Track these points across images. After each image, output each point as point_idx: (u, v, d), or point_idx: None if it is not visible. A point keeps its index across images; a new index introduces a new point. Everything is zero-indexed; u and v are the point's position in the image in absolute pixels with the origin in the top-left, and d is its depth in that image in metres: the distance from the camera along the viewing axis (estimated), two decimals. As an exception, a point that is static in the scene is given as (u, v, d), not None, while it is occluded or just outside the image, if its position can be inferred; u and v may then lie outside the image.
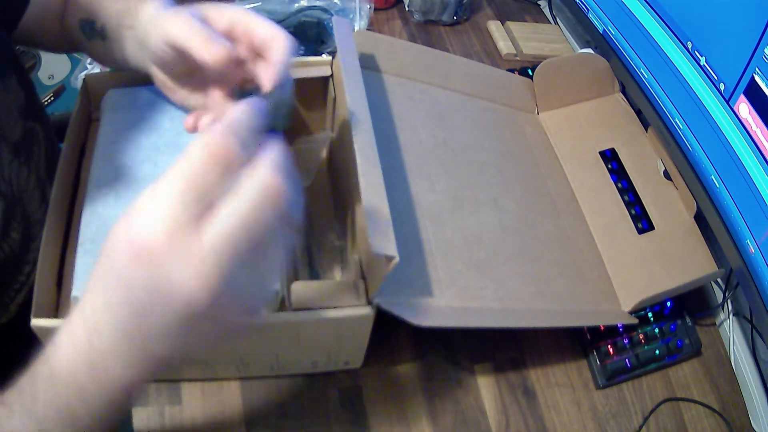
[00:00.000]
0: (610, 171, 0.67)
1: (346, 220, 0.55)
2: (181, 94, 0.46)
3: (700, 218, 0.62)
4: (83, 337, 0.30)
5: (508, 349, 0.60)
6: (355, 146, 0.45)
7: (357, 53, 0.53)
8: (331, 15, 0.82)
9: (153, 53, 0.42)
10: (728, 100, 0.52)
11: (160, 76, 0.46)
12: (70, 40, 0.54)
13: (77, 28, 0.51)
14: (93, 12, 0.49)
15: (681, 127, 0.61)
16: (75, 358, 0.30)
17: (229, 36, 0.40)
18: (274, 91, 0.37)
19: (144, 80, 0.54)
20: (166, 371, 0.51)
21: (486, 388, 0.57)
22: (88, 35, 0.50)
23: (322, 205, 0.64)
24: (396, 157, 0.57)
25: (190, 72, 0.44)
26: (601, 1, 0.73)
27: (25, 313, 0.45)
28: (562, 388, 0.58)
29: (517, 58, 0.88)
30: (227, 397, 0.53)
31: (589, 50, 0.80)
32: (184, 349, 0.30)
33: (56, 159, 0.54)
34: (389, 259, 0.40)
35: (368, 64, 0.62)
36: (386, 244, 0.39)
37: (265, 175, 0.26)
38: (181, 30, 0.38)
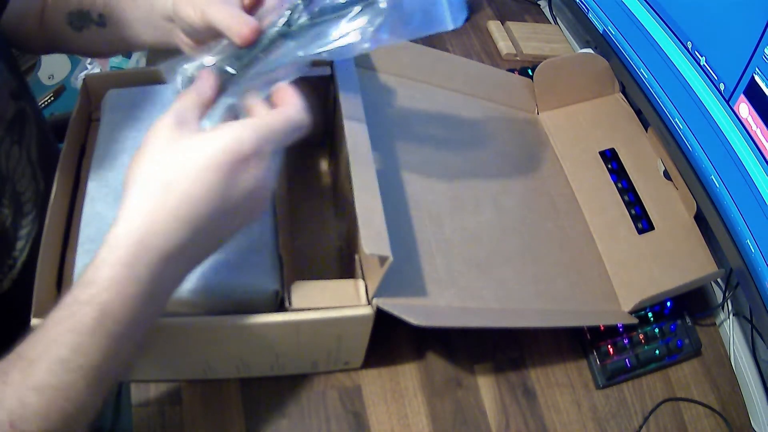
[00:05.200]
0: (610, 171, 0.67)
1: (345, 220, 0.55)
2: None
3: (700, 218, 0.62)
4: (148, 269, 0.32)
5: (508, 349, 0.60)
6: (348, 147, 0.45)
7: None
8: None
9: (188, 25, 0.44)
10: (728, 100, 0.52)
11: (185, 40, 0.48)
12: (49, 39, 0.55)
13: (63, 23, 0.52)
14: (85, 2, 0.51)
15: (681, 127, 0.61)
16: (136, 291, 0.32)
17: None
18: None
19: (144, 80, 0.54)
20: (166, 372, 0.51)
21: (486, 388, 0.57)
22: (77, 27, 0.51)
23: (323, 205, 0.64)
24: (396, 157, 0.57)
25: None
26: (601, 1, 0.73)
27: (16, 291, 0.45)
28: (562, 388, 0.58)
29: (517, 58, 0.88)
30: (227, 397, 0.53)
31: (589, 50, 0.80)
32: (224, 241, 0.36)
33: (47, 139, 0.55)
34: (383, 259, 0.40)
35: (368, 64, 0.62)
36: (379, 244, 0.39)
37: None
38: (218, 15, 0.41)
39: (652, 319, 0.61)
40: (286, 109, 0.37)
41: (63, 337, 0.31)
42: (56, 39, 0.54)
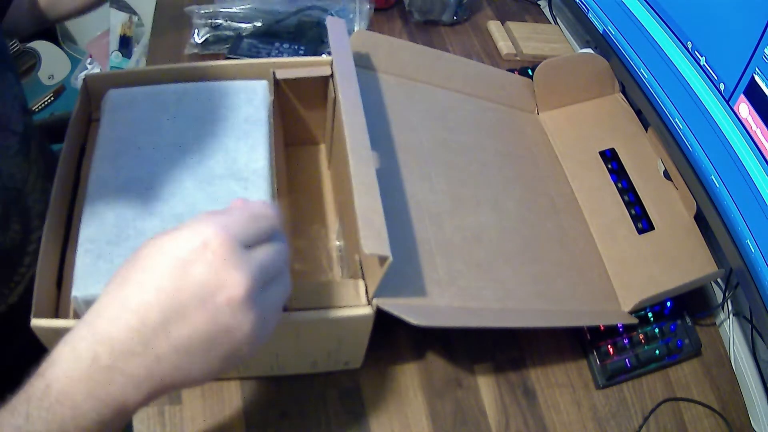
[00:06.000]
0: (610, 171, 0.67)
1: (345, 220, 0.55)
2: None
3: (700, 218, 0.62)
4: (88, 351, 0.30)
5: (508, 349, 0.60)
6: (348, 146, 0.45)
7: (351, 53, 0.53)
8: (333, 15, 0.82)
9: None
10: (728, 100, 0.52)
11: None
12: (39, 16, 0.56)
13: None
14: None
15: (681, 127, 0.61)
16: (74, 373, 0.30)
17: None
18: None
19: (144, 80, 0.54)
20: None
21: (486, 388, 0.57)
22: None
23: (323, 204, 0.64)
24: (396, 157, 0.57)
25: None
26: (601, 1, 0.73)
27: (24, 303, 0.45)
28: (562, 388, 0.58)
29: (517, 58, 0.88)
30: (227, 397, 0.53)
31: (589, 50, 0.80)
32: (193, 369, 0.31)
33: (49, 152, 0.54)
34: (383, 259, 0.40)
35: (368, 64, 0.62)
36: (379, 244, 0.39)
37: (280, 238, 0.34)
38: None
39: (652, 319, 0.61)
40: (247, 202, 0.34)
41: (20, 406, 0.30)
42: (50, 11, 0.55)
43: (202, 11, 0.81)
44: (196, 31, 0.81)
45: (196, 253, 0.30)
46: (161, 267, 0.30)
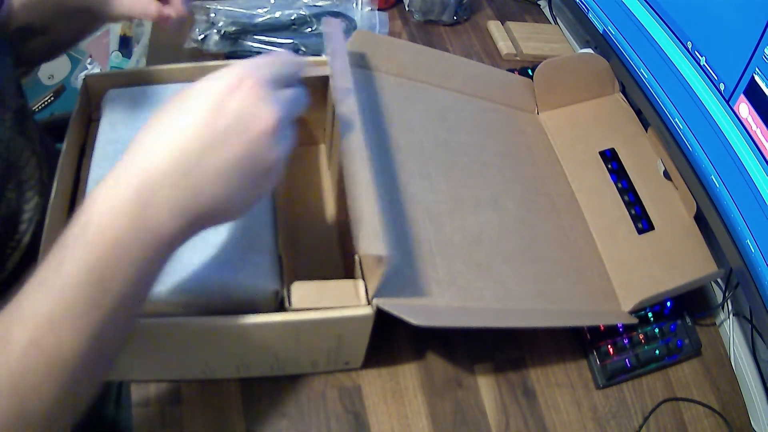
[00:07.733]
0: (610, 171, 0.67)
1: (346, 220, 0.55)
2: None
3: (700, 218, 0.62)
4: (130, 184, 0.31)
5: (508, 349, 0.60)
6: (343, 147, 0.45)
7: (347, 53, 0.53)
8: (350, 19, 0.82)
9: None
10: (728, 100, 0.52)
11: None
12: None
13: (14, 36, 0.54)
14: (31, 16, 0.53)
15: (681, 127, 0.61)
16: (116, 205, 0.31)
17: None
18: None
19: (144, 80, 0.55)
20: (166, 372, 0.51)
21: (486, 388, 0.57)
22: (24, 39, 0.54)
23: (323, 204, 0.64)
24: (395, 157, 0.57)
25: None
26: (601, 1, 0.73)
27: (20, 272, 0.46)
28: (562, 388, 0.58)
29: (517, 58, 0.88)
30: (227, 397, 0.53)
31: (589, 50, 0.80)
32: (229, 197, 0.34)
33: (46, 137, 0.56)
34: (382, 259, 0.40)
35: (367, 64, 0.62)
36: (375, 244, 0.39)
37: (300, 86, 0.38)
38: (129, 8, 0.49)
39: (652, 319, 0.61)
40: (274, 52, 0.39)
41: (51, 257, 0.32)
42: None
43: (205, 6, 0.81)
44: (197, 28, 0.81)
45: (232, 89, 0.33)
46: (200, 103, 0.33)
